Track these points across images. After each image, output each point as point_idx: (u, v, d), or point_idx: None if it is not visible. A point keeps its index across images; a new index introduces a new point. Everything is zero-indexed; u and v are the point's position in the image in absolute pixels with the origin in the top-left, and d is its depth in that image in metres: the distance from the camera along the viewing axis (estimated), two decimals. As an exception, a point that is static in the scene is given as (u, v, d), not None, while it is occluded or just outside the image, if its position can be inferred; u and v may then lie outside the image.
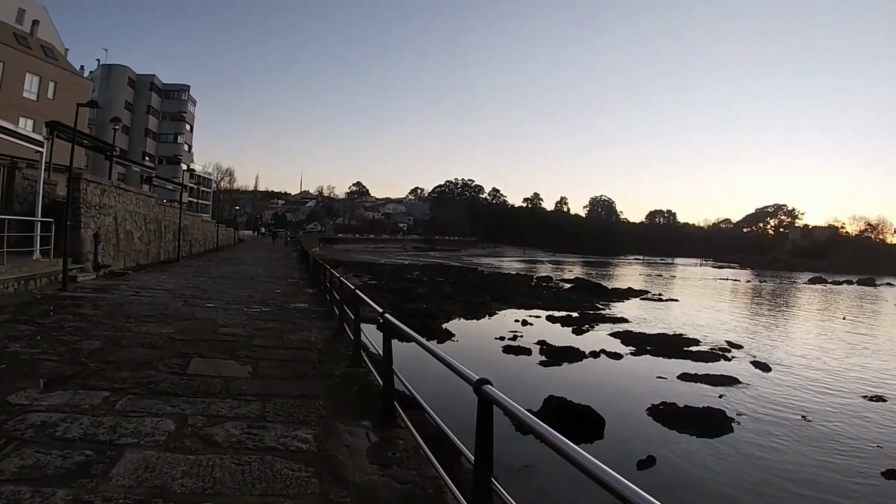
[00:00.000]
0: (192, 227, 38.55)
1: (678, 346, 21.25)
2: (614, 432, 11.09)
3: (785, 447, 11.36)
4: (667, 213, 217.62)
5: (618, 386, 15.50)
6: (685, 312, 34.43)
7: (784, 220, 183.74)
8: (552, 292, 42.22)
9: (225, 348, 8.38)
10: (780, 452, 11.06)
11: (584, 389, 13.75)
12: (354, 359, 7.92)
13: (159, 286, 16.78)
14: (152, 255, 26.75)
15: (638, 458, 9.94)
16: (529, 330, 23.57)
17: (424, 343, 4.05)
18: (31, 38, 45.09)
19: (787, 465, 10.41)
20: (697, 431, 11.71)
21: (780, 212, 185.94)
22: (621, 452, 10.20)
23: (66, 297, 13.38)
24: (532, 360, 18.00)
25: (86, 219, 18.36)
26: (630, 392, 14.78)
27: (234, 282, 19.78)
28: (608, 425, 11.17)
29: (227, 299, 14.57)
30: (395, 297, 30.83)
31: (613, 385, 15.56)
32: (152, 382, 6.36)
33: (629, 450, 10.34)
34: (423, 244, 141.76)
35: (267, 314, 12.37)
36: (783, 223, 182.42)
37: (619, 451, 10.28)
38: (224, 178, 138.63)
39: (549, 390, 12.54)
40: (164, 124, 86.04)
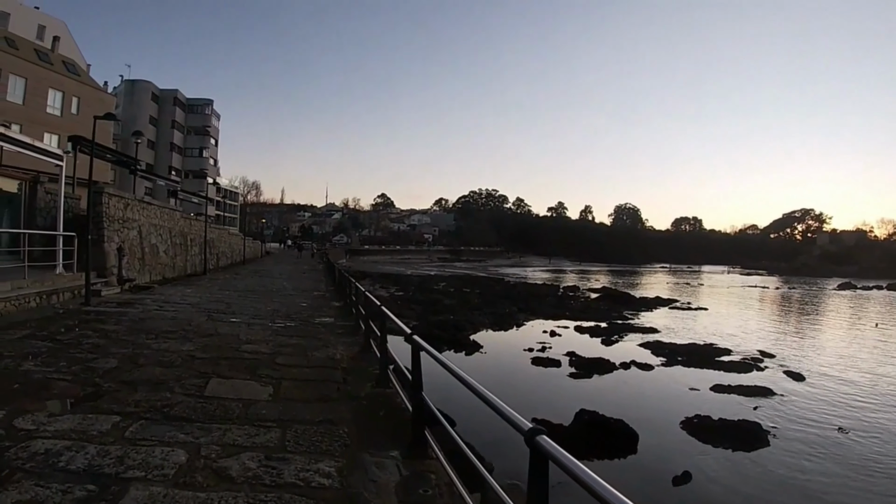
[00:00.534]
0: (218, 240, 38.51)
1: (709, 357, 20.79)
2: (648, 447, 10.81)
3: (822, 463, 10.96)
4: (692, 219, 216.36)
5: (650, 398, 15.10)
6: (715, 322, 33.72)
7: (812, 224, 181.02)
8: (579, 302, 41.80)
9: (246, 367, 7.96)
10: (817, 469, 10.65)
11: (616, 402, 13.46)
12: (381, 378, 7.44)
13: (183, 300, 16.53)
14: (178, 268, 26.63)
15: (673, 473, 9.66)
16: (558, 341, 23.11)
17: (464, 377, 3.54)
18: (52, 55, 45.67)
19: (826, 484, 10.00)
20: (732, 445, 11.38)
21: (808, 216, 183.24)
22: (656, 468, 10.01)
23: (87, 311, 13.14)
24: (562, 373, 17.65)
25: (109, 233, 18.22)
26: (662, 405, 14.41)
27: (259, 295, 19.44)
28: (641, 439, 10.87)
29: (251, 314, 14.21)
30: (422, 308, 30.69)
31: (645, 397, 15.18)
32: (166, 406, 5.97)
33: (663, 465, 10.09)
34: (448, 255, 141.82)
35: (291, 329, 11.96)
36: (811, 228, 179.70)
37: (654, 467, 10.08)
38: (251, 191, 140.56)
39: (579, 403, 12.24)
40: (189, 139, 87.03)
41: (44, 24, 50.67)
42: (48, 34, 49.32)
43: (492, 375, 15.67)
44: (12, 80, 39.14)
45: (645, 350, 21.79)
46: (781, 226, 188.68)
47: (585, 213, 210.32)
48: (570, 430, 10.89)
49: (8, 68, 38.80)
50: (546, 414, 10.94)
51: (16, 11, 47.95)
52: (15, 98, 39.28)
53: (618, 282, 73.06)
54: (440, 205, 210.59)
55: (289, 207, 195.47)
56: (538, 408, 11.82)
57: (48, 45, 47.29)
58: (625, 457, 10.49)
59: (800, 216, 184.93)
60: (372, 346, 9.36)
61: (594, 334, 25.55)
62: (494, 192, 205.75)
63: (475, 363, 18.56)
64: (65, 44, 49.99)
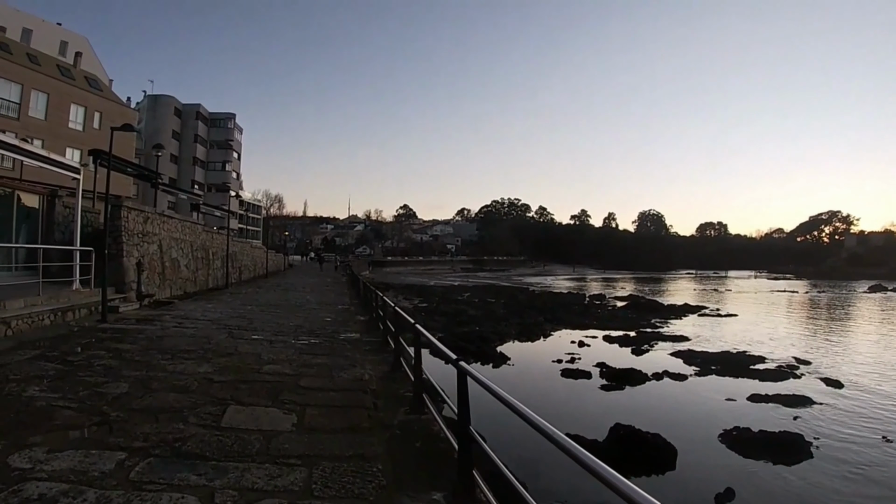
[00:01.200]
0: (240, 253, 38.14)
1: (743, 365, 20.07)
2: (687, 462, 10.31)
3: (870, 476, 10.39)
4: (717, 224, 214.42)
5: (685, 410, 14.49)
6: (746, 328, 32.83)
7: (839, 227, 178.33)
8: (606, 311, 40.96)
9: (267, 391, 7.30)
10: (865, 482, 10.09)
11: (651, 415, 12.94)
12: (415, 403, 6.74)
13: (204, 316, 15.95)
14: (200, 282, 26.21)
15: (715, 490, 9.13)
16: (587, 351, 22.54)
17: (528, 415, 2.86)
18: (74, 70, 45.93)
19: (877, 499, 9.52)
20: (774, 458, 10.85)
21: (835, 219, 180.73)
22: (697, 485, 9.56)
23: (103, 329, 12.64)
24: (592, 385, 17.05)
25: (128, 247, 17.78)
26: (699, 417, 13.79)
27: (282, 310, 18.82)
28: (680, 454, 10.35)
29: (273, 330, 13.60)
30: (446, 319, 30.16)
31: (680, 409, 14.54)
32: (178, 440, 5.30)
33: (705, 482, 9.60)
34: (471, 265, 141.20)
35: (316, 347, 11.30)
36: (838, 230, 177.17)
37: (695, 484, 9.61)
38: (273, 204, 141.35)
39: (613, 417, 11.76)
40: (212, 153, 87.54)
41: (66, 40, 51.15)
42: (70, 50, 49.74)
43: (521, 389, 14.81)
44: (34, 95, 39.27)
45: (677, 359, 21.13)
46: (808, 229, 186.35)
47: (609, 221, 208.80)
48: (606, 445, 10.41)
49: (30, 84, 38.96)
50: (579, 429, 10.24)
51: (38, 28, 48.48)
52: (37, 113, 39.40)
53: (643, 289, 72.38)
54: (462, 215, 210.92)
55: (311, 220, 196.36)
56: (570, 422, 11.23)
57: (70, 60, 47.57)
58: (663, 473, 10.01)
59: (826, 218, 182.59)
60: (402, 365, 8.70)
61: (623, 344, 24.81)
62: (517, 201, 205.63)
63: (503, 376, 17.89)
64: (87, 59, 50.35)
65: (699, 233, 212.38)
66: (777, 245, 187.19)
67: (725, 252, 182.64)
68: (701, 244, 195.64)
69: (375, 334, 13.17)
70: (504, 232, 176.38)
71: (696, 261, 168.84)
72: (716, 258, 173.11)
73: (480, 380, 3.92)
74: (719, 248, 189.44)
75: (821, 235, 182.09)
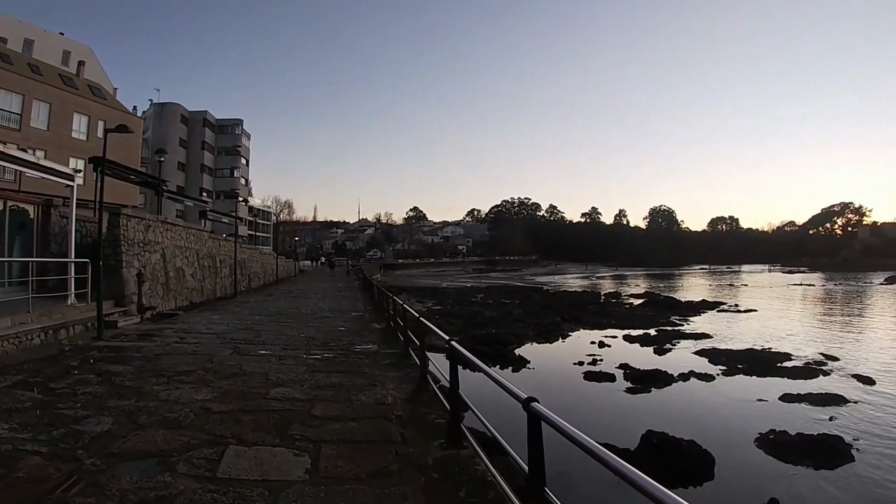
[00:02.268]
0: (249, 260, 37.16)
1: (770, 363, 19.30)
2: (725, 470, 9.62)
3: None
4: (729, 219, 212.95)
5: (716, 413, 13.71)
6: (766, 324, 31.98)
7: (852, 218, 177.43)
8: (623, 309, 40.03)
9: (275, 423, 6.17)
10: None
11: (681, 419, 12.29)
12: (452, 434, 5.59)
13: (208, 329, 14.87)
14: (207, 291, 25.21)
15: (759, 501, 8.35)
16: (608, 352, 21.65)
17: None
18: (77, 79, 44.99)
19: None
20: (815, 463, 10.21)
21: (848, 210, 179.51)
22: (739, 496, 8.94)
23: (97, 348, 11.56)
24: (617, 388, 16.14)
25: (128, 257, 16.77)
26: (731, 420, 13.05)
27: (292, 319, 17.75)
28: (718, 462, 9.65)
29: (283, 343, 12.52)
30: (462, 322, 29.17)
31: (711, 412, 13.78)
32: (162, 499, 4.20)
33: (746, 492, 9.00)
34: (483, 265, 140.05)
35: (330, 363, 10.22)
36: (851, 222, 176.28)
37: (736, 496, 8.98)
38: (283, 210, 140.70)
39: (642, 423, 11.13)
40: (220, 159, 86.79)
41: (69, 49, 50.39)
42: (73, 59, 48.96)
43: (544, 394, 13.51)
44: (36, 105, 38.31)
45: (701, 358, 20.31)
46: (821, 221, 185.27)
47: (620, 218, 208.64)
48: (639, 454, 9.69)
49: (32, 94, 38.06)
50: (608, 436, 9.37)
51: (40, 38, 47.76)
52: (39, 124, 38.44)
53: (658, 286, 71.44)
54: (473, 215, 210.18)
55: (322, 225, 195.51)
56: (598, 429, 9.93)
57: (73, 70, 46.81)
58: (701, 483, 9.30)
59: (839, 210, 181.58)
60: (429, 383, 7.61)
61: (645, 343, 24.02)
62: (527, 201, 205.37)
63: (524, 381, 16.77)
64: (90, 68, 49.54)
65: (711, 227, 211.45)
66: (790, 238, 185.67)
67: (738, 246, 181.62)
68: (713, 239, 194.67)
69: (394, 345, 12.08)
70: (515, 232, 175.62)
71: (709, 256, 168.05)
72: (728, 253, 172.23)
73: (560, 425, 2.83)
74: (731, 242, 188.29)
75: (834, 227, 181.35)
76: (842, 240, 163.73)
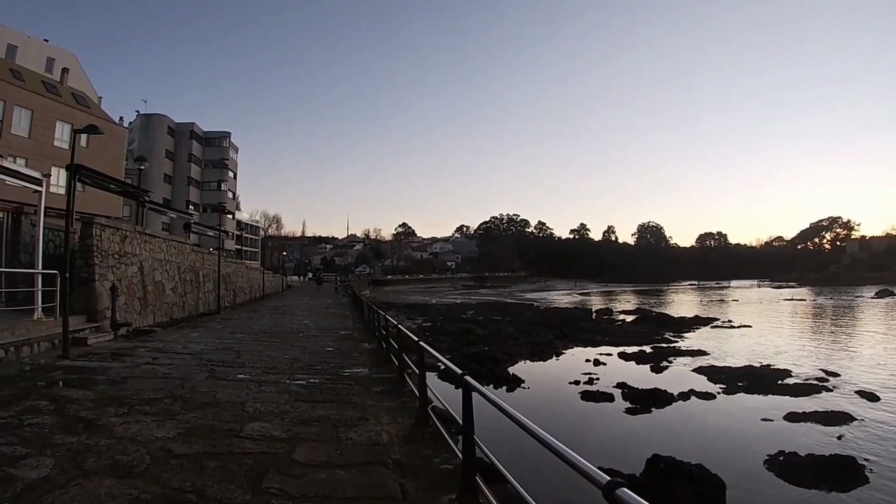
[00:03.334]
0: (234, 274, 36.01)
1: (771, 380, 18.98)
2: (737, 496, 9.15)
3: None
4: (717, 234, 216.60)
5: (721, 434, 13.18)
6: (762, 340, 31.69)
7: (840, 232, 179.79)
8: (616, 326, 39.63)
9: (247, 472, 5.08)
10: None
11: (685, 442, 11.93)
12: (465, 487, 4.49)
13: (185, 349, 13.72)
14: (189, 307, 24.08)
15: None
16: (604, 370, 21.05)
17: None
18: (60, 87, 43.92)
19: None
20: (829, 485, 9.81)
21: (836, 224, 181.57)
22: None
23: (60, 368, 10.50)
24: (616, 408, 15.53)
25: (101, 269, 15.69)
26: (737, 441, 12.52)
27: (277, 338, 16.62)
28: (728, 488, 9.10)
29: (264, 365, 11.42)
30: (452, 340, 28.32)
31: (716, 433, 13.25)
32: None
33: None
34: (472, 282, 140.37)
35: (315, 390, 9.15)
36: (839, 236, 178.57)
37: None
38: (272, 225, 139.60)
39: (645, 445, 10.83)
40: (207, 172, 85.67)
41: (53, 56, 49.27)
42: (57, 66, 47.88)
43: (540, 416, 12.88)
44: (17, 112, 37.18)
45: (700, 376, 19.91)
46: (809, 235, 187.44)
47: (608, 234, 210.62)
48: (646, 481, 9.24)
49: (13, 100, 36.96)
50: (610, 461, 9.20)
51: (23, 44, 46.67)
52: (20, 131, 37.27)
53: (648, 302, 71.98)
54: (462, 232, 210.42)
55: (310, 240, 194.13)
56: (598, 453, 10.07)
57: (57, 77, 45.75)
58: None
59: (827, 224, 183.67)
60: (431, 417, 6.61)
61: (640, 361, 23.44)
62: (516, 217, 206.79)
63: (519, 401, 15.86)
64: (74, 76, 48.50)
65: (699, 243, 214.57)
66: (778, 253, 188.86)
67: (726, 262, 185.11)
68: (701, 255, 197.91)
69: (387, 368, 11.09)
70: (504, 248, 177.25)
71: (697, 272, 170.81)
72: (717, 268, 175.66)
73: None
74: (720, 258, 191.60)
75: (822, 242, 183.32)
76: (830, 254, 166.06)
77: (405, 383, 8.95)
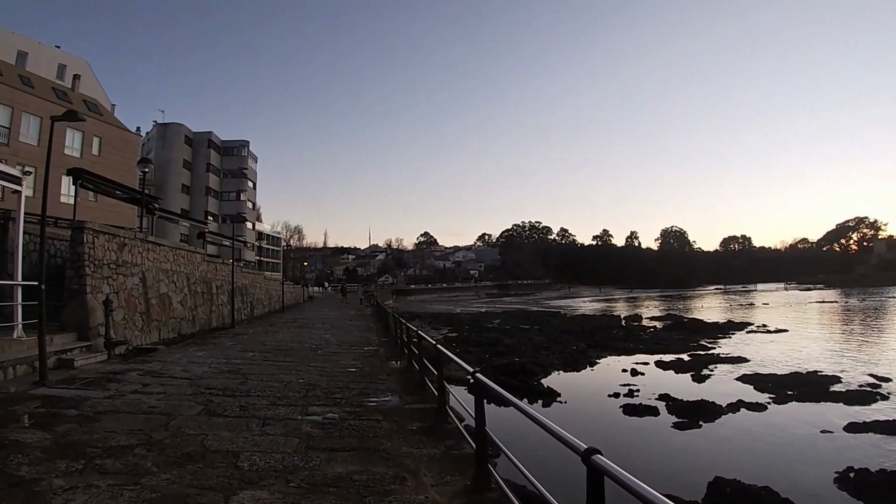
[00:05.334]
0: (252, 286, 34.35)
1: (821, 387, 18.11)
2: None
3: None
4: (741, 238, 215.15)
5: (781, 449, 12.24)
6: (802, 344, 30.98)
7: (867, 233, 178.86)
8: (649, 333, 38.67)
9: None
10: None
11: (743, 459, 11.19)
12: None
13: (185, 371, 11.87)
14: (200, 321, 22.38)
15: None
16: (642, 381, 20.06)
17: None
18: (71, 93, 42.90)
19: None
20: None
21: (863, 225, 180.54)
22: None
23: (32, 398, 8.73)
24: (663, 423, 14.48)
25: (94, 280, 13.98)
26: (800, 457, 11.74)
27: (292, 357, 14.78)
28: None
29: (274, 394, 9.51)
30: (481, 350, 27.47)
31: (775, 449, 12.26)
32: None
33: None
34: (496, 290, 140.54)
35: (334, 430, 7.18)
36: (866, 237, 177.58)
37: None
38: (293, 235, 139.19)
39: (701, 465, 10.38)
40: (226, 182, 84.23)
41: (64, 63, 48.37)
42: (69, 73, 46.97)
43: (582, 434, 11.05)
44: (26, 119, 36.02)
45: (745, 385, 18.91)
46: (835, 237, 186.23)
47: (631, 240, 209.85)
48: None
49: (21, 107, 35.79)
50: (666, 483, 8.37)
51: (34, 50, 45.77)
52: (28, 139, 36.07)
53: (677, 307, 70.85)
54: (484, 240, 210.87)
55: (332, 251, 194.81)
56: (652, 475, 8.56)
57: (69, 84, 44.68)
58: None
59: (854, 225, 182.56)
60: (492, 475, 4.73)
61: (679, 370, 22.47)
62: (538, 224, 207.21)
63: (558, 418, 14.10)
64: (87, 82, 47.56)
65: (723, 247, 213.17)
66: (804, 255, 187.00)
67: (751, 265, 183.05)
68: (726, 258, 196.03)
69: (420, 394, 9.25)
70: (526, 255, 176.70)
71: (722, 276, 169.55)
72: (742, 272, 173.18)
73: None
74: (745, 261, 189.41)
75: (849, 243, 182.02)
76: (857, 255, 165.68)
77: (448, 418, 7.08)
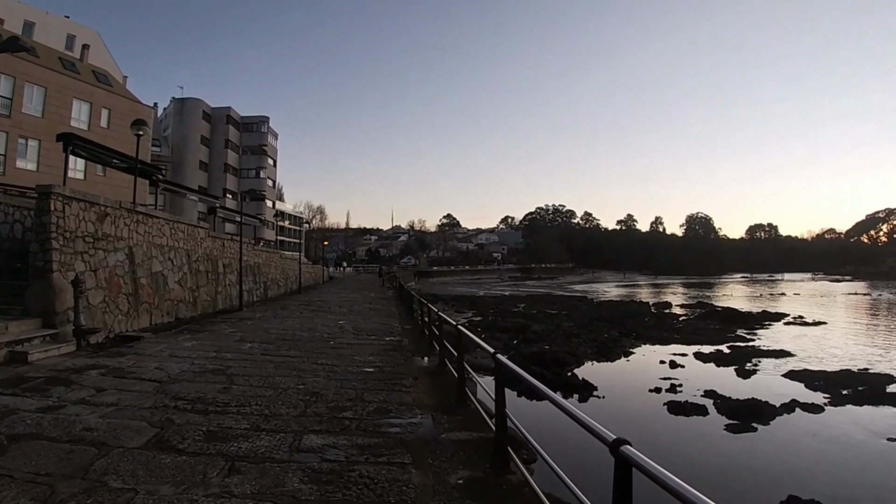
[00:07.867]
0: (266, 265, 32.16)
1: (877, 386, 16.35)
2: None
3: None
4: (767, 226, 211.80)
5: (852, 461, 10.84)
6: (845, 338, 29.24)
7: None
8: (682, 322, 36.47)
9: None
10: None
11: (811, 470, 10.14)
12: None
13: (158, 370, 9.38)
14: (203, 303, 20.21)
15: None
16: (683, 374, 18.52)
17: None
18: (80, 64, 40.71)
19: None
20: None
21: (893, 216, 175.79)
22: None
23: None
24: (713, 424, 13.08)
25: (64, 256, 11.70)
26: (871, 470, 10.40)
27: (298, 350, 12.21)
28: None
29: (261, 410, 6.96)
30: (508, 336, 26.54)
31: (845, 461, 10.85)
32: None
33: None
34: (519, 273, 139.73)
35: (333, 485, 4.58)
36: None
37: None
38: (315, 216, 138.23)
39: (767, 477, 9.54)
40: (245, 159, 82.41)
41: (73, 33, 46.59)
42: (78, 44, 45.07)
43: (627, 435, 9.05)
44: (28, 89, 33.93)
45: (794, 382, 17.39)
46: (864, 228, 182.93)
47: (656, 225, 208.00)
48: None
49: (24, 77, 33.71)
50: (727, 500, 6.70)
51: (42, 20, 44.00)
52: (31, 111, 34.06)
53: (704, 295, 68.56)
54: (507, 223, 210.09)
55: (355, 231, 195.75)
56: (714, 487, 8.10)
57: (78, 54, 42.71)
58: None
59: (884, 216, 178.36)
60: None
61: (721, 363, 20.84)
62: (562, 208, 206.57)
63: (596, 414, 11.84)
64: (96, 53, 45.56)
65: (749, 235, 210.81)
66: (831, 246, 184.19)
67: (778, 254, 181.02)
68: (752, 247, 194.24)
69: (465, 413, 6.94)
70: (550, 239, 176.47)
71: (748, 264, 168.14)
72: (768, 261, 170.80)
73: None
74: (771, 250, 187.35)
75: (878, 235, 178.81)
76: (886, 247, 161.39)
77: (510, 465, 4.69)
